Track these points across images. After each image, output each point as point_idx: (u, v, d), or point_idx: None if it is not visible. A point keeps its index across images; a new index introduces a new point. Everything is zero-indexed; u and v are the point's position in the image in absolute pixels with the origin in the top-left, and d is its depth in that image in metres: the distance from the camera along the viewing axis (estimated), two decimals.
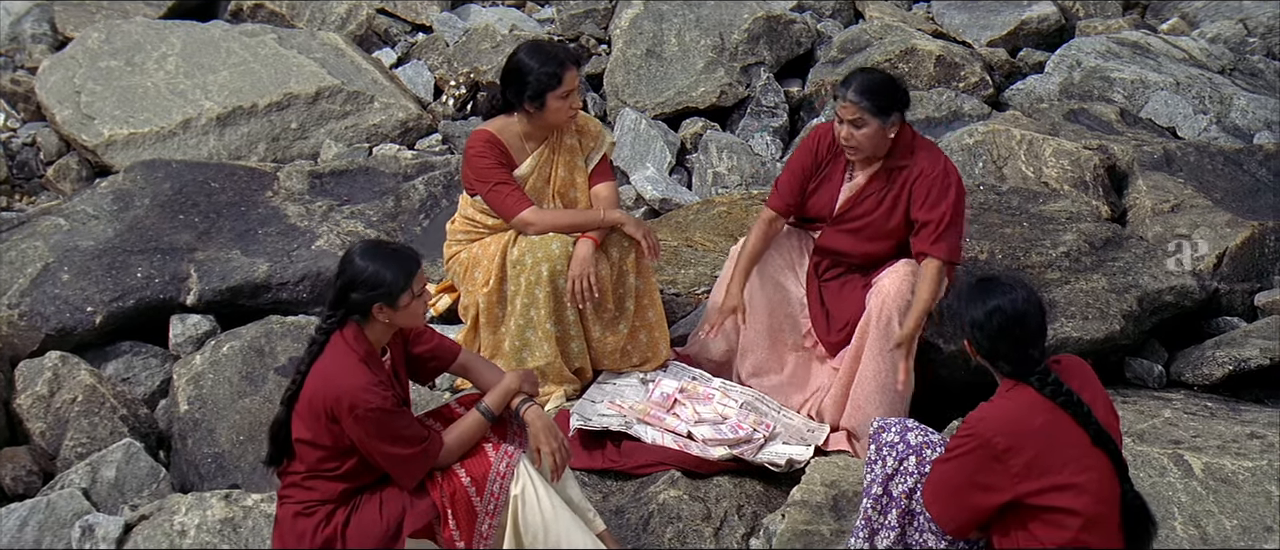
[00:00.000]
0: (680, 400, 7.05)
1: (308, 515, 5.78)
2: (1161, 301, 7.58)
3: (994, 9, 10.90)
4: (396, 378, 5.87)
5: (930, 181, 6.84)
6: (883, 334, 6.82)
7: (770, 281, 7.20)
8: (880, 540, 5.67)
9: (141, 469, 6.96)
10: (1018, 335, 5.33)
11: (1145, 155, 8.85)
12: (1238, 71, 9.97)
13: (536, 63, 6.96)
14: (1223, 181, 8.73)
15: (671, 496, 6.54)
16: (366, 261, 5.67)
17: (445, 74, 10.16)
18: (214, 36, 10.02)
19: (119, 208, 8.28)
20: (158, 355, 7.76)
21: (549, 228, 7.01)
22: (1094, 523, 5.25)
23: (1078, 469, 5.24)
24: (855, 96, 6.75)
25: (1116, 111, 9.48)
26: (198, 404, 7.24)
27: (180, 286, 7.84)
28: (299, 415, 5.73)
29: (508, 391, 5.99)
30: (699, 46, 10.13)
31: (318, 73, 9.59)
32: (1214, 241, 8.07)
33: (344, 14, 10.75)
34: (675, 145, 9.45)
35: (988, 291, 5.42)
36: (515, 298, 7.04)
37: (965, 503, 5.35)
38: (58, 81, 9.80)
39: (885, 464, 5.65)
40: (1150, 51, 10.12)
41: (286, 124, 9.40)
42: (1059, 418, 5.27)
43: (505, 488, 5.83)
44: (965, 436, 5.31)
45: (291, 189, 8.53)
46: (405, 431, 5.69)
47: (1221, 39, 10.45)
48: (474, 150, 7.11)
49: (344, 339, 5.69)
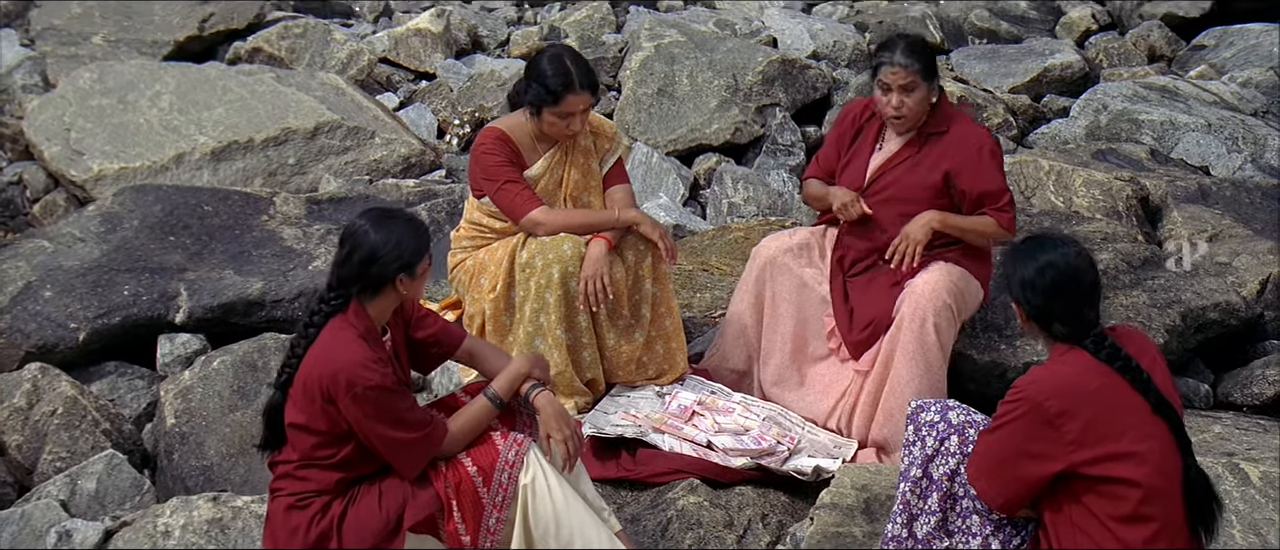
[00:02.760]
0: (699, 412, 6.64)
1: (301, 508, 5.36)
2: (1206, 318, 7.23)
3: (1015, 58, 10.63)
4: (397, 361, 5.47)
5: (977, 149, 6.57)
6: (917, 338, 6.42)
7: (794, 279, 6.82)
8: (919, 526, 5.24)
9: (124, 480, 6.53)
10: (1072, 292, 4.94)
11: (1179, 189, 8.53)
12: (1270, 114, 9.64)
13: (549, 71, 6.59)
14: (1262, 213, 8.40)
15: (691, 502, 6.13)
16: (382, 231, 5.30)
17: (449, 116, 9.82)
18: (210, 76, 9.69)
19: (106, 230, 7.89)
20: (144, 376, 7.34)
21: (560, 228, 6.62)
22: (1155, 495, 4.81)
23: (1137, 436, 4.82)
24: (904, 59, 6.46)
25: (1147, 151, 9.16)
26: (186, 417, 6.81)
27: (169, 304, 7.42)
28: (293, 398, 5.33)
29: (517, 376, 5.58)
30: (712, 86, 9.83)
31: (316, 108, 9.24)
32: (1255, 269, 7.77)
33: (344, 58, 10.44)
34: (688, 179, 9.12)
35: (1038, 248, 5.04)
36: (524, 303, 6.63)
37: (1014, 474, 4.92)
38: (47, 120, 9.45)
39: (924, 445, 5.23)
40: (1179, 94, 9.81)
41: (283, 159, 9.02)
42: (1116, 382, 4.87)
43: (514, 478, 5.41)
44: (1014, 401, 4.89)
45: (288, 213, 8.14)
46: (407, 414, 5.29)
47: (1253, 83, 10.16)
48: (483, 147, 6.72)
49: (344, 317, 5.31)
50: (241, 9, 11.16)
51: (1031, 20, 11.67)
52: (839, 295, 6.73)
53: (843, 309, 6.71)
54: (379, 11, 11.40)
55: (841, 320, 6.71)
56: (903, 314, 6.48)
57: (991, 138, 6.71)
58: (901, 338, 6.46)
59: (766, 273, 6.88)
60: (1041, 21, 11.69)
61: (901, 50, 6.49)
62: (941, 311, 6.43)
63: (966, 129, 6.65)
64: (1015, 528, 5.13)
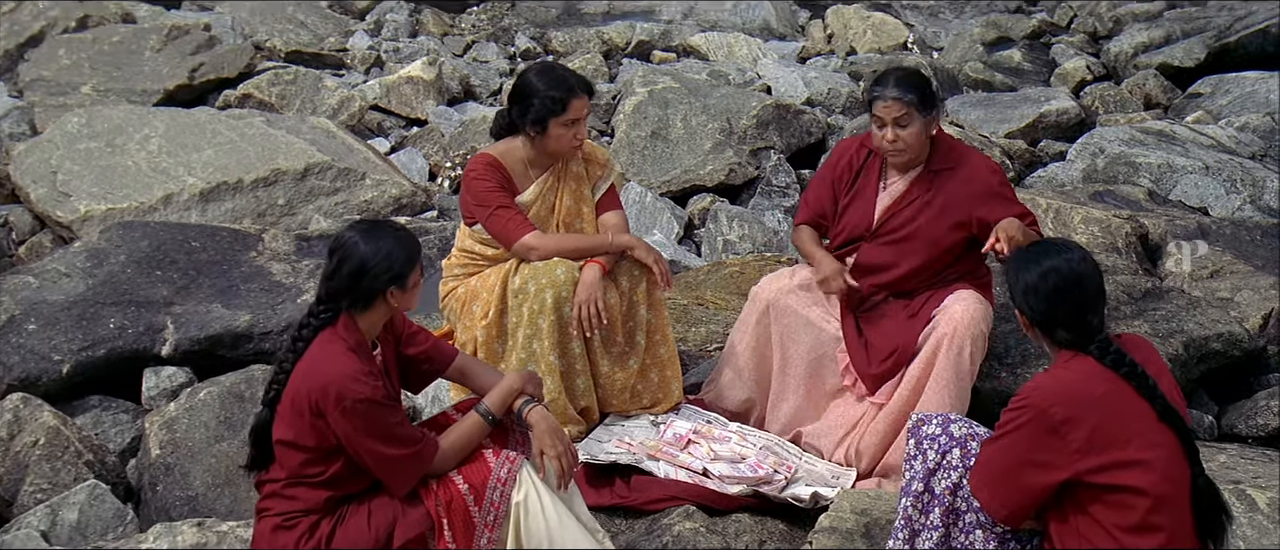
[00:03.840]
0: (695, 440, 6.51)
1: (288, 528, 5.23)
2: (1209, 349, 7.11)
3: (1011, 105, 10.57)
4: (387, 378, 5.34)
5: (989, 182, 6.41)
6: (953, 365, 6.28)
7: (802, 321, 6.67)
8: (922, 542, 5.10)
9: (107, 511, 6.37)
10: (1076, 298, 4.83)
11: (1178, 227, 8.43)
12: (1269, 157, 9.56)
13: (544, 85, 6.51)
14: (1262, 251, 8.30)
15: (687, 528, 5.98)
16: (372, 243, 5.20)
17: (440, 159, 9.73)
18: (199, 120, 9.60)
19: (92, 265, 7.76)
20: (129, 411, 7.18)
21: (554, 252, 6.51)
22: (1163, 503, 4.67)
23: (1144, 444, 4.69)
24: (897, 91, 6.30)
25: (1145, 192, 9.06)
26: (171, 448, 6.66)
27: (155, 337, 7.28)
28: (281, 415, 5.21)
29: (510, 392, 5.47)
30: (706, 129, 9.75)
31: (307, 150, 9.14)
32: (1258, 304, 7.66)
33: (335, 105, 10.35)
34: (683, 218, 9.01)
35: (1041, 253, 4.94)
36: (517, 330, 6.50)
37: (1018, 484, 4.78)
38: (34, 163, 9.35)
39: (926, 458, 5.10)
40: (1176, 138, 9.73)
41: (273, 200, 8.91)
42: (1122, 389, 4.75)
43: (506, 496, 5.28)
44: (1017, 409, 4.77)
45: (277, 249, 8.02)
46: (397, 429, 5.16)
47: (1250, 128, 10.07)
48: (474, 173, 6.62)
49: (333, 331, 5.19)
50: (232, 59, 11.10)
51: (1026, 72, 11.63)
52: (852, 331, 6.59)
53: (857, 344, 6.56)
54: (370, 63, 11.32)
55: (857, 356, 6.56)
56: (938, 341, 6.32)
57: (998, 166, 6.63)
58: (938, 364, 6.31)
59: (769, 315, 6.74)
60: (1036, 73, 11.64)
61: (894, 83, 6.35)
62: (978, 339, 6.31)
63: (976, 163, 6.51)
64: (1020, 542, 5.00)
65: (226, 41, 11.52)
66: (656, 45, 11.59)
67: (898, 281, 6.56)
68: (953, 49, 12.03)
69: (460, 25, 12.15)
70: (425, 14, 12.17)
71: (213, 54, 11.13)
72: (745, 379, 6.82)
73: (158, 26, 11.70)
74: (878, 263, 6.56)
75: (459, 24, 12.18)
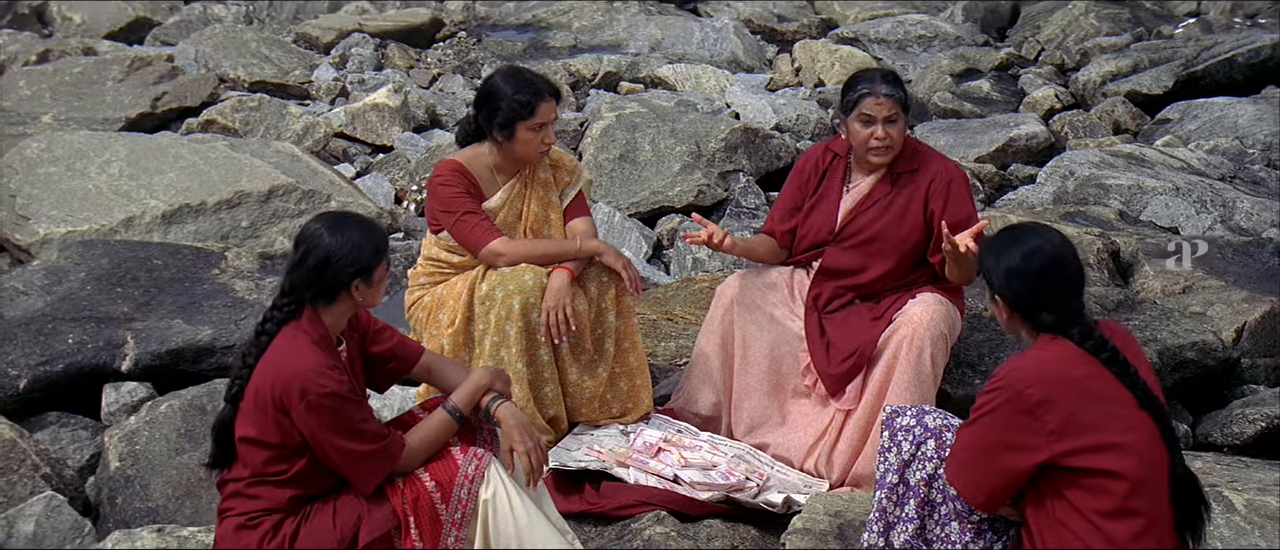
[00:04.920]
0: (665, 447, 6.41)
1: (251, 528, 5.11)
2: (1183, 358, 7.05)
3: (980, 130, 10.52)
4: (352, 375, 5.23)
5: (949, 183, 6.39)
6: (913, 368, 6.21)
7: (765, 318, 6.60)
8: (897, 535, 5.01)
9: (64, 522, 6.21)
10: (1060, 278, 4.76)
11: (1150, 246, 8.37)
12: (1238, 179, 9.52)
13: (511, 88, 6.42)
14: (1234, 267, 8.24)
15: (658, 532, 5.88)
16: (338, 235, 5.10)
17: (406, 184, 9.62)
18: (161, 144, 9.47)
19: (51, 283, 7.60)
20: (88, 427, 7.00)
21: (521, 258, 6.42)
22: (1141, 488, 4.58)
23: (1122, 427, 4.61)
24: (888, 88, 6.31)
25: (1115, 212, 9.00)
26: (130, 460, 6.51)
27: (115, 352, 7.12)
28: (244, 411, 5.09)
29: (477, 389, 5.36)
30: (674, 152, 9.67)
31: (271, 172, 9.02)
32: (1230, 317, 7.60)
33: (300, 131, 10.24)
34: (652, 238, 8.91)
35: (1021, 235, 4.87)
36: (484, 337, 6.40)
37: (994, 467, 4.68)
38: None
39: (900, 450, 5.02)
40: (1146, 161, 9.68)
41: (237, 222, 8.78)
42: (1101, 374, 4.67)
43: (474, 494, 5.17)
44: (993, 391, 4.67)
45: (240, 267, 7.88)
46: (363, 425, 5.06)
47: (1219, 150, 10.04)
48: (439, 179, 6.53)
49: (297, 325, 5.09)
50: (195, 88, 10.99)
51: (995, 101, 11.58)
52: (814, 331, 6.51)
53: (819, 344, 6.48)
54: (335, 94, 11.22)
55: (818, 355, 6.48)
56: (898, 343, 6.26)
57: (961, 169, 6.57)
58: (898, 367, 6.24)
59: (733, 311, 6.66)
60: (1005, 102, 11.60)
61: (882, 79, 6.36)
62: (938, 341, 6.24)
63: (939, 165, 6.48)
64: (996, 533, 4.90)
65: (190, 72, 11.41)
66: (624, 77, 11.52)
67: (865, 286, 6.50)
68: (921, 80, 11.99)
69: (427, 59, 12.08)
70: (391, 48, 12.09)
71: (176, 83, 11.02)
72: (714, 379, 6.73)
73: (120, 58, 11.59)
74: (844, 267, 6.50)
75: (425, 58, 12.10)
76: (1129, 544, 4.55)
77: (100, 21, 13.05)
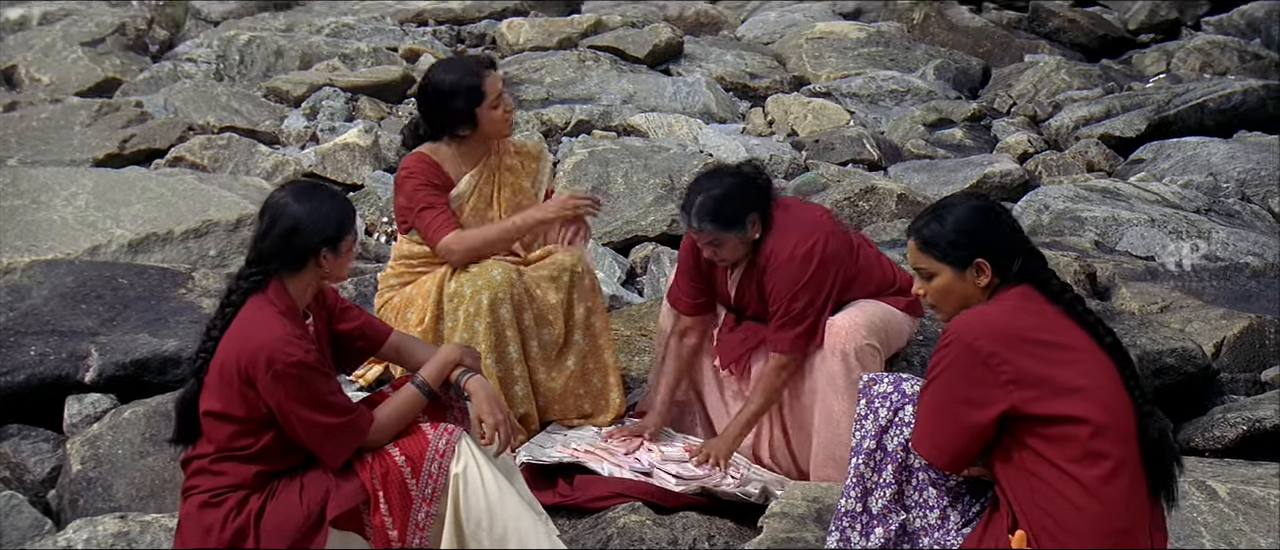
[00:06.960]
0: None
1: (216, 505, 5.00)
2: (1163, 363, 6.99)
3: (954, 168, 10.47)
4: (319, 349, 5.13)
5: (776, 265, 6.11)
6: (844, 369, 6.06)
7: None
8: (874, 501, 4.91)
9: (23, 521, 6.06)
10: (1010, 225, 4.76)
11: (1127, 270, 8.34)
12: (1213, 211, 9.48)
13: (454, 78, 6.41)
14: (1210, 289, 8.21)
15: (633, 521, 5.79)
16: (304, 203, 5.05)
17: (376, 218, 9.53)
18: (128, 178, 9.35)
19: (13, 300, 7.40)
20: (50, 439, 6.81)
21: (471, 252, 6.37)
22: (1106, 431, 4.50)
23: (1080, 371, 4.55)
24: (698, 224, 6.08)
25: (1091, 242, 8.95)
26: (93, 464, 6.35)
27: (78, 364, 6.95)
28: (209, 385, 5.00)
29: (447, 363, 5.28)
30: (647, 185, 9.61)
31: (240, 202, 8.91)
32: (1209, 333, 7.57)
33: (269, 168, 10.14)
34: (626, 265, 8.83)
35: (952, 201, 4.89)
36: (453, 334, 6.31)
37: (955, 425, 4.60)
38: None
39: (877, 417, 4.93)
40: (1121, 195, 9.63)
41: (204, 251, 8.66)
42: (1057, 320, 4.63)
43: (445, 468, 5.08)
44: (944, 348, 4.61)
45: (208, 287, 7.73)
46: (330, 397, 4.97)
47: (1194, 185, 10.01)
48: (405, 170, 6.50)
49: (263, 296, 5.01)
50: (164, 131, 10.88)
51: (968, 147, 11.53)
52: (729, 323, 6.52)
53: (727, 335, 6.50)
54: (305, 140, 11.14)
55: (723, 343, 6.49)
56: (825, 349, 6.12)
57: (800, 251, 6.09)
58: (826, 369, 6.12)
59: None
60: (978, 148, 11.54)
61: (695, 214, 6.07)
62: (862, 350, 6.08)
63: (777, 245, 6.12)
64: (973, 496, 4.82)
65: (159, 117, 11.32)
66: (597, 125, 11.47)
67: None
68: (894, 130, 11.96)
69: (398, 112, 12.01)
70: (362, 100, 12.01)
71: (144, 127, 10.91)
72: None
73: (87, 104, 11.50)
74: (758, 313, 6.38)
75: (396, 111, 12.04)
76: (1101, 486, 4.47)
77: (69, 82, 12.95)
